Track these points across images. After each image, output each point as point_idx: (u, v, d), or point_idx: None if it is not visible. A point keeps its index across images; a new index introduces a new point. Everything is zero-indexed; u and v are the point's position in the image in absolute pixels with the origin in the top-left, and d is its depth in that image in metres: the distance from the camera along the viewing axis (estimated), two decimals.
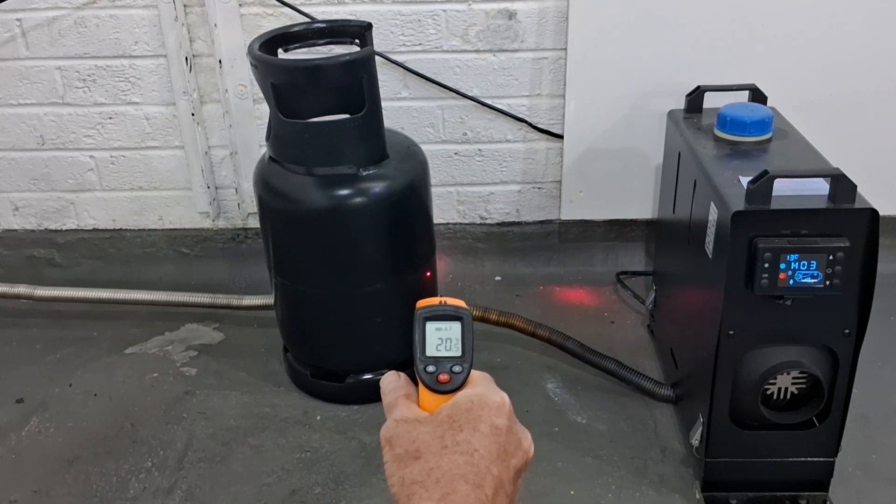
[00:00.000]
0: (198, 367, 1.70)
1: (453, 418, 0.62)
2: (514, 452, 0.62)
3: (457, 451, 0.59)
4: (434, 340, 0.69)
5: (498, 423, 0.62)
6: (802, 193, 1.14)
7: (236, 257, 2.02)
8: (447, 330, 0.69)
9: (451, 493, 0.57)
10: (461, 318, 0.69)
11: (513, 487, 0.61)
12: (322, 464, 1.43)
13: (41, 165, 1.95)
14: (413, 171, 1.47)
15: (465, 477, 0.58)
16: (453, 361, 0.67)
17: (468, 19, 1.75)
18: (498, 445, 0.61)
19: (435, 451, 0.60)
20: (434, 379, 0.67)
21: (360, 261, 1.47)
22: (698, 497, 1.33)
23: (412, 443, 0.61)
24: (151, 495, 1.38)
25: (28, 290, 1.80)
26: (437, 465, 0.59)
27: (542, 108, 1.84)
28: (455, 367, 0.67)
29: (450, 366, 0.67)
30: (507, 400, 0.64)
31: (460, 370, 0.67)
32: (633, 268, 1.96)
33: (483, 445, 0.60)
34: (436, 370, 0.67)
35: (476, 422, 0.61)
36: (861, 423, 1.45)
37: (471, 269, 2.00)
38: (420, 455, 0.60)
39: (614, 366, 1.56)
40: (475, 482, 0.58)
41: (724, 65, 1.70)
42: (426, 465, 0.59)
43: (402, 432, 0.62)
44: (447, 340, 0.69)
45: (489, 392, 0.64)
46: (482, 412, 0.62)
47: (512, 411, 0.64)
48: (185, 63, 1.78)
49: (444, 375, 0.66)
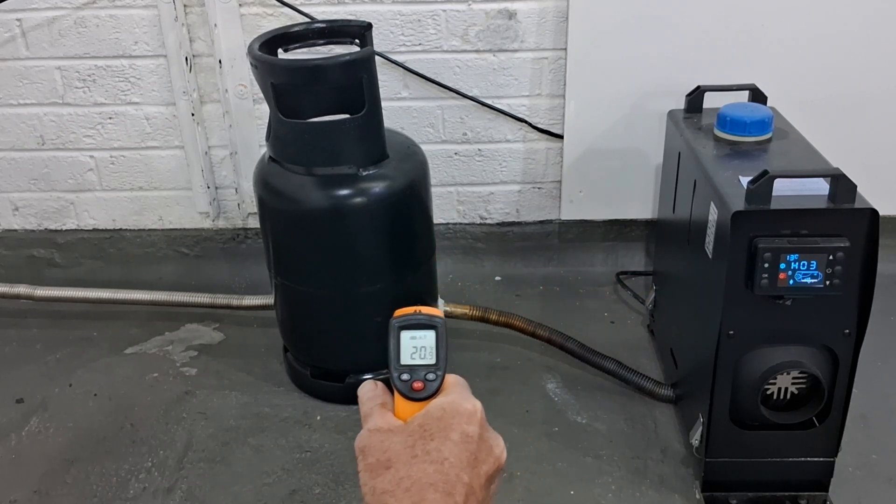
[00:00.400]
0: (198, 367, 1.70)
1: (424, 427, 0.63)
2: (485, 459, 0.63)
3: (427, 460, 0.61)
4: (409, 349, 0.70)
5: (469, 431, 0.63)
6: (802, 193, 1.14)
7: (236, 257, 2.02)
8: (422, 338, 0.71)
9: (421, 502, 0.58)
10: (435, 327, 0.71)
11: (484, 493, 0.62)
12: (322, 464, 1.43)
13: (41, 165, 1.95)
14: (413, 171, 1.47)
15: (435, 485, 0.59)
16: (427, 369, 0.69)
17: (468, 19, 1.75)
18: (469, 453, 0.62)
19: (405, 461, 0.61)
20: (408, 387, 0.68)
21: (360, 261, 1.47)
22: (698, 497, 1.33)
23: (384, 452, 0.62)
24: (151, 495, 1.38)
25: (28, 290, 1.80)
26: (407, 475, 0.60)
27: (542, 108, 1.84)
28: (429, 374, 0.69)
29: (424, 374, 0.69)
30: (479, 407, 0.65)
31: (434, 378, 0.68)
32: (633, 268, 1.96)
33: (453, 454, 0.61)
34: (410, 378, 0.68)
35: (447, 430, 0.63)
36: (861, 423, 1.45)
37: (471, 269, 2.00)
38: (391, 464, 0.61)
39: (614, 366, 1.56)
40: (445, 490, 0.59)
41: (724, 65, 1.70)
42: (396, 475, 0.60)
43: (375, 442, 0.64)
44: (421, 349, 0.70)
45: (461, 400, 0.66)
46: (453, 420, 0.64)
47: (484, 419, 0.65)
48: (185, 63, 1.78)
49: (419, 383, 0.68)
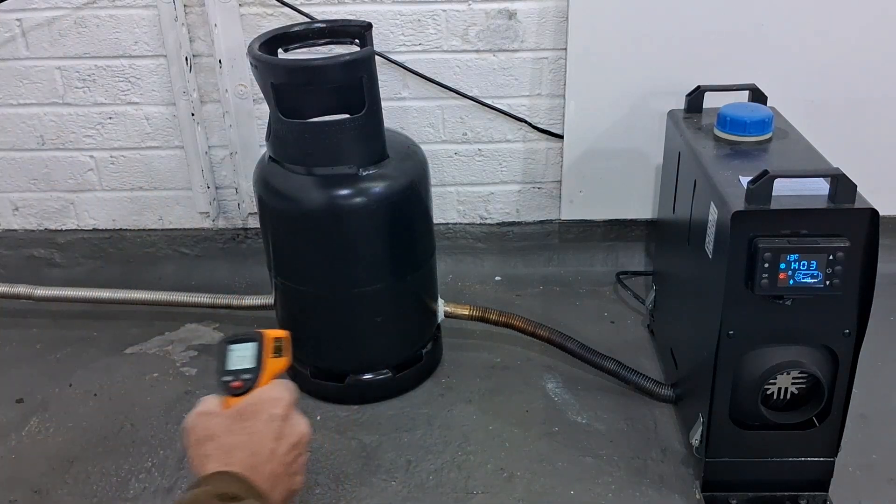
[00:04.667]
0: (198, 367, 1.70)
1: (240, 411, 0.83)
2: (289, 433, 0.83)
3: (239, 433, 0.81)
4: (234, 358, 0.88)
5: (275, 413, 0.83)
6: (802, 193, 1.14)
7: (236, 257, 2.02)
8: (244, 349, 0.89)
9: (230, 457, 0.79)
10: (255, 340, 0.90)
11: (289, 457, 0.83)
12: (322, 464, 1.43)
13: (41, 165, 1.95)
14: (413, 171, 1.47)
15: (244, 448, 0.80)
16: (246, 371, 0.87)
17: (468, 19, 1.75)
18: (274, 428, 0.82)
19: (223, 434, 0.81)
20: (228, 386, 0.86)
21: (360, 261, 1.47)
22: (698, 497, 1.33)
23: (207, 430, 0.82)
24: (151, 495, 1.37)
25: (28, 290, 1.80)
26: (224, 443, 0.81)
27: (542, 108, 1.84)
28: (246, 374, 0.87)
29: (242, 375, 0.87)
30: (285, 397, 0.85)
31: (250, 377, 0.87)
32: (633, 268, 1.96)
33: (260, 429, 0.82)
34: (232, 379, 0.86)
35: (257, 413, 0.83)
36: (861, 423, 1.45)
37: (471, 269, 2.00)
38: (213, 437, 0.81)
39: (614, 366, 1.56)
40: (251, 451, 0.80)
41: (724, 65, 1.70)
42: (216, 443, 0.81)
43: (200, 422, 0.83)
44: (245, 357, 0.88)
45: (272, 391, 0.86)
46: (263, 406, 0.84)
47: (289, 405, 0.85)
48: (185, 63, 1.78)
49: (238, 382, 0.86)
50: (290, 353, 0.92)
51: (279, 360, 0.90)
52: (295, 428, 0.85)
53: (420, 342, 1.62)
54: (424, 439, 1.48)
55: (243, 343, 0.90)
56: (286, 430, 0.83)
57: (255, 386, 0.86)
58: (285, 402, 0.85)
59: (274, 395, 0.85)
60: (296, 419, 0.86)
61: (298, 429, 0.85)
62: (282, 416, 0.84)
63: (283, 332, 0.92)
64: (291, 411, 0.86)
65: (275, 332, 0.91)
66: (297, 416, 0.86)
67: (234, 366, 0.88)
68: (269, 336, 0.90)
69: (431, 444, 1.47)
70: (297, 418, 0.86)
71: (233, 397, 0.85)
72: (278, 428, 0.83)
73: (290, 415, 0.85)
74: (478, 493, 1.36)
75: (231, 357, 0.89)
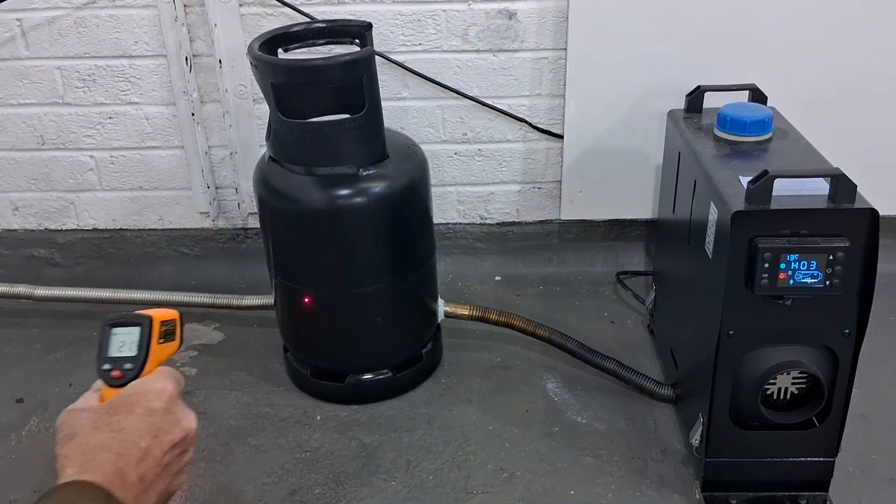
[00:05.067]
0: (198, 367, 1.70)
1: (111, 404, 0.75)
2: (170, 429, 0.75)
3: (106, 430, 0.72)
4: (116, 343, 0.81)
5: (153, 407, 0.75)
6: (802, 193, 1.14)
7: (236, 257, 2.02)
8: (128, 334, 0.81)
9: (91, 461, 0.69)
10: (140, 325, 0.81)
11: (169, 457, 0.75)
12: (322, 464, 1.43)
13: (41, 165, 1.95)
14: (413, 171, 1.47)
15: (109, 448, 0.71)
16: (127, 360, 0.79)
17: (468, 19, 1.75)
18: (150, 424, 0.74)
19: (87, 432, 0.72)
20: (108, 375, 0.79)
21: (360, 261, 1.47)
22: (698, 497, 1.33)
23: (72, 427, 0.74)
24: None
25: (28, 290, 1.80)
26: (86, 442, 0.72)
27: (542, 108, 1.84)
28: (127, 364, 0.79)
29: (123, 364, 0.79)
30: (168, 387, 0.77)
31: (131, 367, 0.79)
32: (633, 268, 1.96)
33: (133, 424, 0.73)
34: (111, 368, 0.79)
35: (132, 406, 0.75)
36: (861, 423, 1.45)
37: (471, 269, 2.00)
38: (75, 436, 0.72)
39: (614, 366, 1.56)
40: (119, 453, 0.71)
41: (724, 65, 1.70)
42: (78, 443, 0.72)
43: (68, 419, 0.75)
44: (128, 343, 0.80)
45: (152, 381, 0.78)
46: (140, 398, 0.76)
47: (172, 397, 0.77)
48: (185, 63, 1.78)
49: (117, 372, 0.79)
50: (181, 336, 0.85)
51: (167, 345, 0.83)
52: (178, 423, 0.76)
53: (420, 342, 1.62)
54: (424, 439, 1.48)
55: (128, 327, 0.81)
56: (166, 426, 0.75)
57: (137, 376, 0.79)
58: (167, 394, 0.77)
59: (155, 387, 0.77)
60: (180, 413, 0.77)
61: (183, 424, 0.77)
62: (162, 409, 0.75)
63: (173, 312, 0.84)
64: (175, 404, 0.77)
65: (164, 314, 0.83)
66: (181, 410, 0.78)
67: (116, 352, 0.80)
68: (158, 319, 0.82)
69: (431, 444, 1.47)
70: (181, 412, 0.78)
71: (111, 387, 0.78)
72: (156, 423, 0.74)
73: (172, 408, 0.77)
74: (478, 493, 1.36)
75: (113, 342, 0.81)
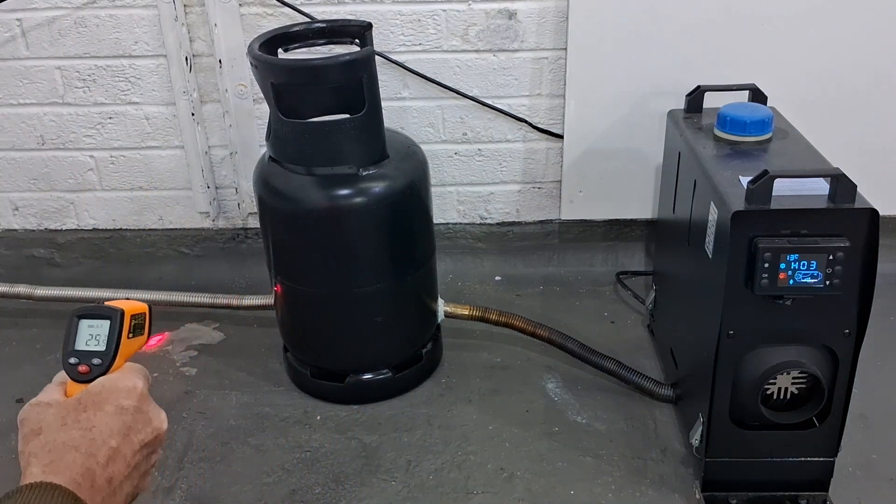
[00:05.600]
0: (198, 367, 1.70)
1: (80, 401, 0.72)
2: (141, 429, 0.72)
3: (75, 428, 0.69)
4: (84, 336, 0.78)
5: (124, 405, 0.72)
6: (802, 193, 1.14)
7: (236, 257, 2.02)
8: (98, 327, 0.78)
9: (58, 460, 0.66)
10: (110, 318, 0.78)
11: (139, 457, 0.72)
12: (322, 464, 1.43)
13: (41, 165, 1.95)
14: (413, 171, 1.47)
15: (77, 447, 0.67)
16: (95, 355, 0.76)
17: (468, 19, 1.75)
18: (121, 423, 0.71)
19: (55, 428, 0.69)
20: (75, 370, 0.76)
21: (360, 261, 1.47)
22: (698, 497, 1.33)
23: (38, 423, 0.70)
24: (151, 495, 1.37)
25: (28, 290, 1.80)
26: (53, 439, 0.68)
27: (542, 107, 1.84)
28: (95, 359, 0.76)
29: (91, 359, 0.76)
30: (139, 385, 0.74)
31: (100, 362, 0.76)
32: (633, 268, 1.96)
33: (103, 422, 0.70)
34: (78, 362, 0.76)
35: (102, 403, 0.71)
36: (861, 423, 1.45)
37: (471, 269, 2.00)
38: (41, 432, 0.69)
39: (614, 366, 1.56)
40: (87, 452, 0.67)
41: (724, 65, 1.70)
42: (44, 440, 0.68)
43: (32, 414, 0.71)
44: (96, 336, 0.77)
45: (122, 378, 0.75)
46: (110, 395, 0.72)
47: (143, 395, 0.74)
48: (185, 63, 1.78)
49: (84, 367, 0.75)
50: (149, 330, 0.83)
51: (136, 339, 0.80)
52: (150, 423, 0.74)
53: (420, 342, 1.62)
54: (424, 439, 1.48)
55: (97, 319, 0.78)
56: (137, 426, 0.72)
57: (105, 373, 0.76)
58: (138, 392, 0.74)
59: (126, 384, 0.74)
60: (151, 412, 0.75)
61: (154, 423, 0.74)
62: (133, 408, 0.72)
63: (142, 306, 0.82)
64: (146, 403, 0.74)
65: (135, 307, 0.81)
66: (153, 409, 0.75)
67: (84, 346, 0.77)
68: (129, 312, 0.80)
69: (431, 444, 1.47)
70: (152, 411, 0.75)
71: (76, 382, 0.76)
72: (127, 422, 0.71)
73: (143, 407, 0.74)
74: (478, 493, 1.36)
75: (81, 334, 0.78)
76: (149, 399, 0.75)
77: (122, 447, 0.70)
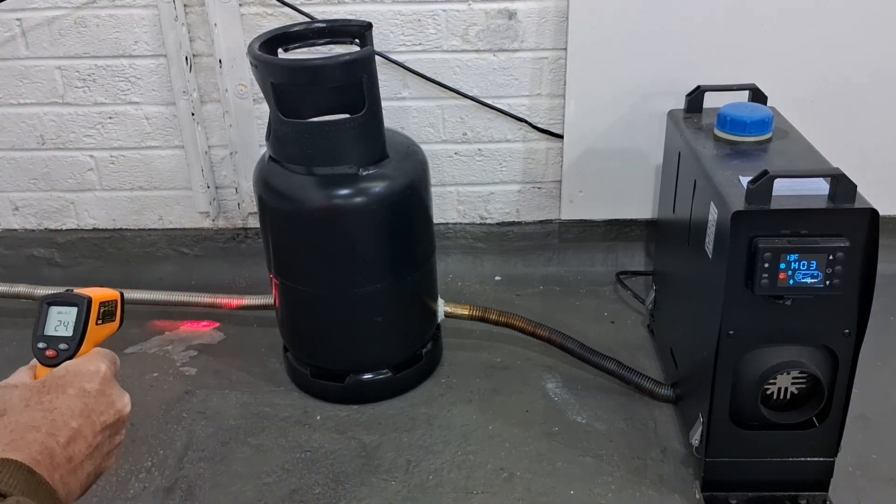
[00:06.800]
0: (198, 367, 1.70)
1: (44, 383, 0.75)
2: (103, 411, 0.75)
3: (37, 409, 0.72)
4: (53, 322, 0.81)
5: (87, 388, 0.75)
6: (802, 193, 1.14)
7: (236, 257, 2.02)
8: (66, 314, 0.81)
9: (19, 440, 0.68)
10: (78, 305, 0.81)
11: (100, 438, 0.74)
12: (322, 463, 1.43)
13: (41, 165, 1.95)
14: (413, 171, 1.47)
15: (38, 428, 0.70)
16: (63, 340, 0.80)
17: (468, 19, 1.75)
18: (83, 405, 0.74)
19: (18, 410, 0.72)
20: (43, 354, 0.79)
21: (360, 261, 1.47)
22: (698, 497, 1.33)
23: (2, 404, 0.73)
24: (151, 495, 1.38)
25: (28, 290, 1.80)
26: (15, 420, 0.70)
27: (542, 107, 1.84)
28: (62, 344, 0.80)
29: (58, 343, 0.80)
30: (101, 369, 0.77)
31: (66, 347, 0.79)
32: (633, 268, 1.96)
33: (65, 404, 0.73)
34: (46, 346, 0.79)
35: (65, 386, 0.74)
36: (861, 423, 1.45)
37: (471, 269, 2.00)
38: (5, 413, 0.72)
39: (614, 366, 1.56)
40: (48, 432, 0.70)
41: (724, 65, 1.70)
42: (7, 420, 0.71)
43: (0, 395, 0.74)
44: (65, 323, 0.80)
45: (86, 363, 0.78)
46: (74, 379, 0.75)
47: (106, 378, 0.77)
48: (185, 63, 1.78)
49: (52, 352, 0.79)
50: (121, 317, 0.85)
51: (106, 326, 0.83)
52: (113, 405, 0.77)
53: (420, 342, 1.62)
54: (424, 439, 1.48)
55: (66, 306, 0.81)
56: (99, 407, 0.75)
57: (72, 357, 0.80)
58: (101, 375, 0.77)
59: (89, 368, 0.77)
60: (114, 395, 0.78)
61: (116, 406, 0.77)
62: (96, 391, 0.76)
63: (114, 293, 0.84)
64: (109, 385, 0.78)
65: (104, 294, 0.83)
66: (115, 392, 0.78)
67: (52, 331, 0.80)
68: (97, 299, 0.82)
69: (431, 444, 1.47)
70: (115, 394, 0.78)
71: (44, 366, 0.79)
72: (89, 404, 0.74)
73: (106, 390, 0.77)
74: (478, 493, 1.36)
75: (50, 320, 0.81)
76: (113, 382, 0.78)
77: (83, 428, 0.72)
